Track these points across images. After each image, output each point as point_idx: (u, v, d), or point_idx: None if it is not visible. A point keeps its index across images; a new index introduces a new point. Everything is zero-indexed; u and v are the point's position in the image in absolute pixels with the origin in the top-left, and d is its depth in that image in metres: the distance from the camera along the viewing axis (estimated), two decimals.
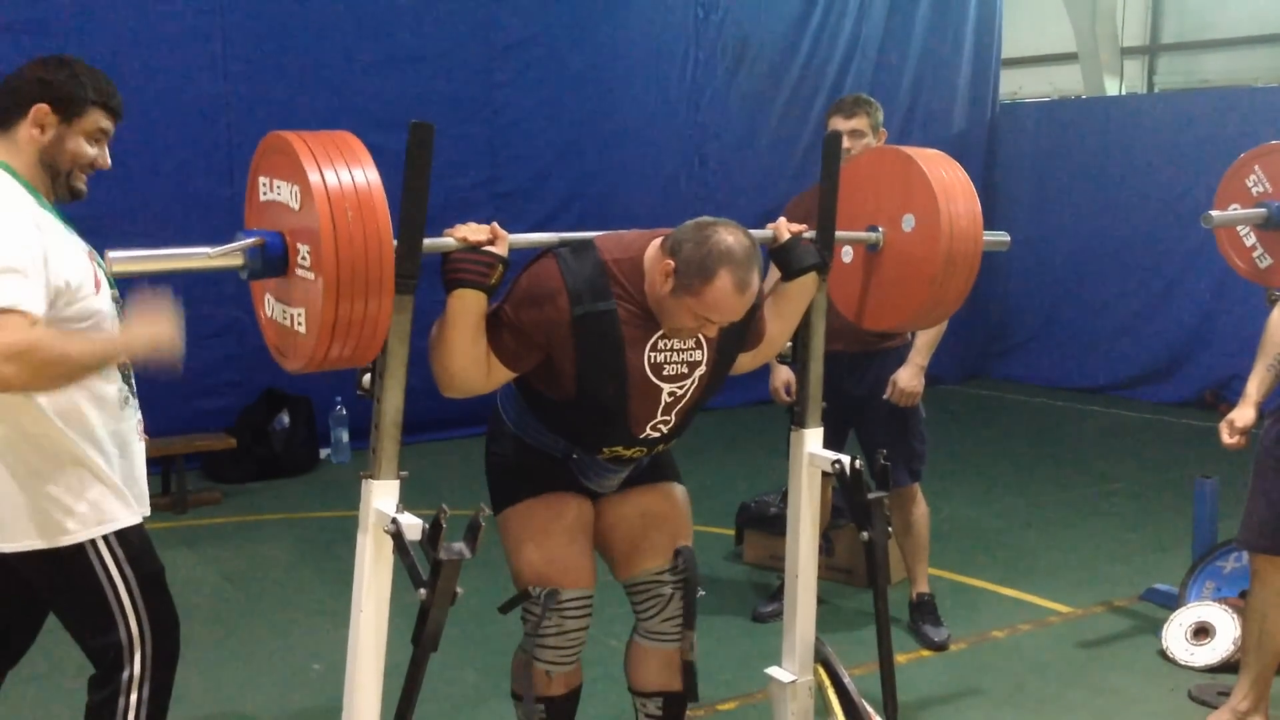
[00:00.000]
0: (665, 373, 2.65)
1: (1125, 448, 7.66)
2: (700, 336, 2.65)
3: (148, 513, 2.58)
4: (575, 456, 2.76)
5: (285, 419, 6.81)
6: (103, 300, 2.42)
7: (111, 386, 2.47)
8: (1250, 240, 3.88)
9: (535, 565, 2.73)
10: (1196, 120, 8.66)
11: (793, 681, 3.01)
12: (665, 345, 2.62)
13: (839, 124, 3.99)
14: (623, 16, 8.18)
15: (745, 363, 2.87)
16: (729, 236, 2.47)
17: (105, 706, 2.48)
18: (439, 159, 2.25)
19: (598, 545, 2.90)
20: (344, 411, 7.02)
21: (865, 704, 2.95)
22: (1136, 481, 6.68)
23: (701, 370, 2.70)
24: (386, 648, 2.34)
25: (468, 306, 2.42)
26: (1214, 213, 3.76)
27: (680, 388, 2.69)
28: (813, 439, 2.98)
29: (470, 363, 2.49)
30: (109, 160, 2.48)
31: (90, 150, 2.44)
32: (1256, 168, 3.82)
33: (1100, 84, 10.03)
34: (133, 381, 2.58)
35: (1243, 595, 4.09)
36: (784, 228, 2.82)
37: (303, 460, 6.87)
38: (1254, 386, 3.46)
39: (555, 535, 2.75)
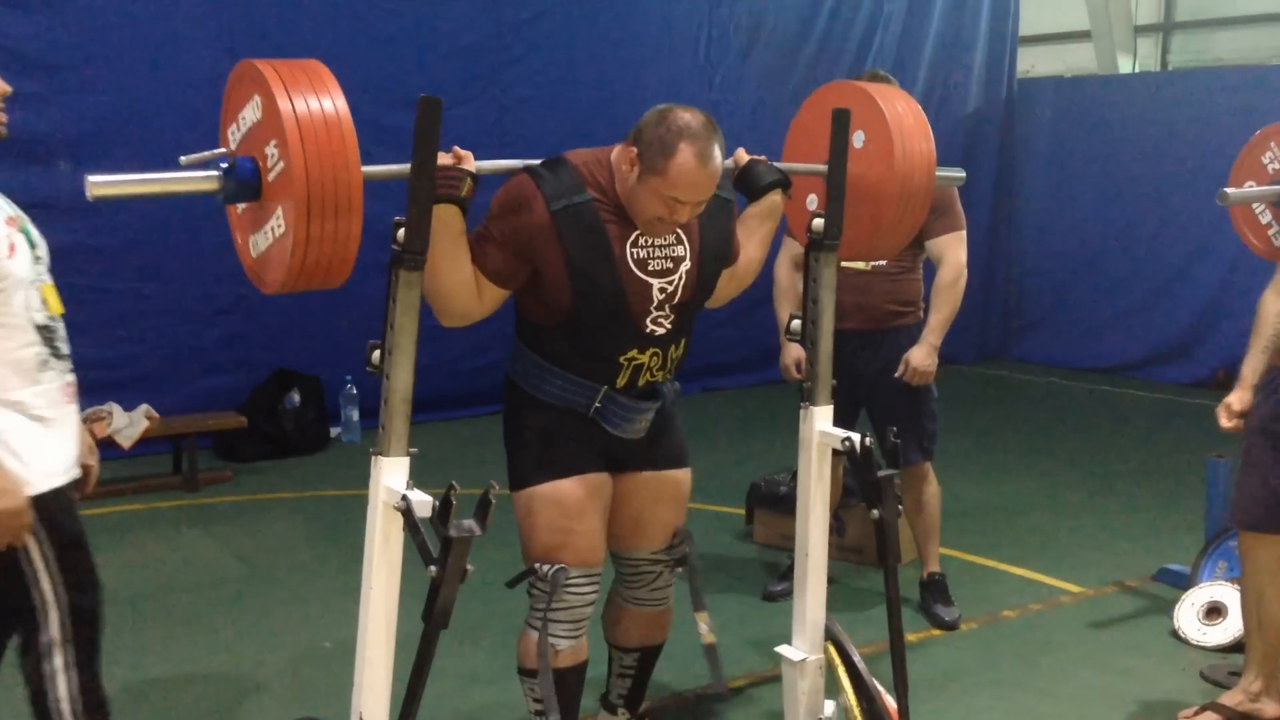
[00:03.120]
0: (651, 268, 2.69)
1: (1138, 427, 7.64)
2: (679, 232, 2.72)
3: (76, 474, 2.54)
4: (599, 405, 2.75)
5: (296, 398, 6.81)
6: (18, 264, 2.39)
7: (28, 350, 2.42)
8: (1266, 218, 3.86)
9: (549, 547, 2.75)
10: (1212, 99, 8.59)
11: (803, 660, 3.01)
12: (645, 242, 2.70)
13: None
14: None
15: (723, 285, 2.91)
16: (687, 114, 2.57)
17: (35, 670, 2.46)
18: (446, 137, 2.24)
19: None
20: (354, 390, 7.03)
21: (875, 682, 2.95)
22: (1149, 461, 6.66)
23: (687, 265, 2.75)
24: (397, 625, 2.34)
25: (444, 221, 2.45)
26: (1230, 190, 3.73)
27: (669, 282, 2.72)
28: (822, 417, 2.96)
29: (458, 284, 2.56)
30: (6, 85, 2.41)
31: None
32: (1273, 145, 3.80)
33: (1113, 62, 9.95)
34: (58, 344, 2.50)
35: None
36: (743, 154, 2.93)
37: (313, 439, 6.88)
38: (1249, 370, 3.48)
39: (573, 520, 2.75)
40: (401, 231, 2.24)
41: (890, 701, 2.95)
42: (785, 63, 8.76)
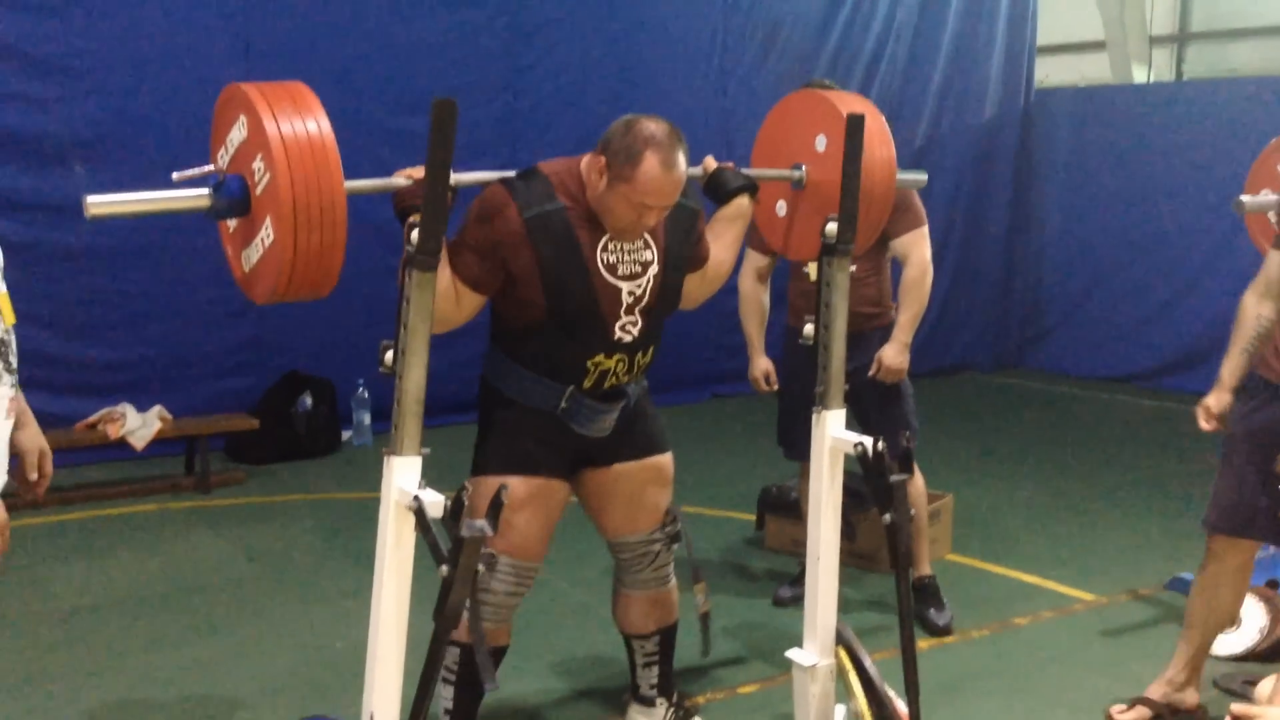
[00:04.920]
0: (620, 272, 2.82)
1: (1152, 436, 7.61)
2: (647, 236, 2.83)
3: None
4: (565, 405, 2.88)
5: (308, 400, 6.83)
6: None
7: None
8: None
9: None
10: (1227, 109, 8.57)
11: (814, 665, 3.00)
12: (615, 246, 2.81)
13: None
14: None
15: (694, 288, 3.04)
16: (652, 124, 2.70)
17: None
18: (458, 142, 2.25)
19: (591, 511, 3.15)
20: (366, 394, 7.04)
21: (887, 688, 2.95)
22: (1162, 470, 6.63)
23: (654, 269, 2.87)
24: (408, 624, 2.35)
25: None
26: (1245, 197, 3.72)
27: (638, 286, 2.85)
28: (834, 421, 2.97)
29: (437, 291, 2.56)
30: None
31: None
32: None
33: (1128, 73, 9.93)
34: (10, 358, 2.47)
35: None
36: (711, 161, 3.07)
37: (325, 442, 6.89)
38: (1228, 371, 3.46)
39: (511, 512, 2.81)
40: (415, 233, 2.25)
41: (901, 707, 2.95)
42: (799, 70, 8.70)
